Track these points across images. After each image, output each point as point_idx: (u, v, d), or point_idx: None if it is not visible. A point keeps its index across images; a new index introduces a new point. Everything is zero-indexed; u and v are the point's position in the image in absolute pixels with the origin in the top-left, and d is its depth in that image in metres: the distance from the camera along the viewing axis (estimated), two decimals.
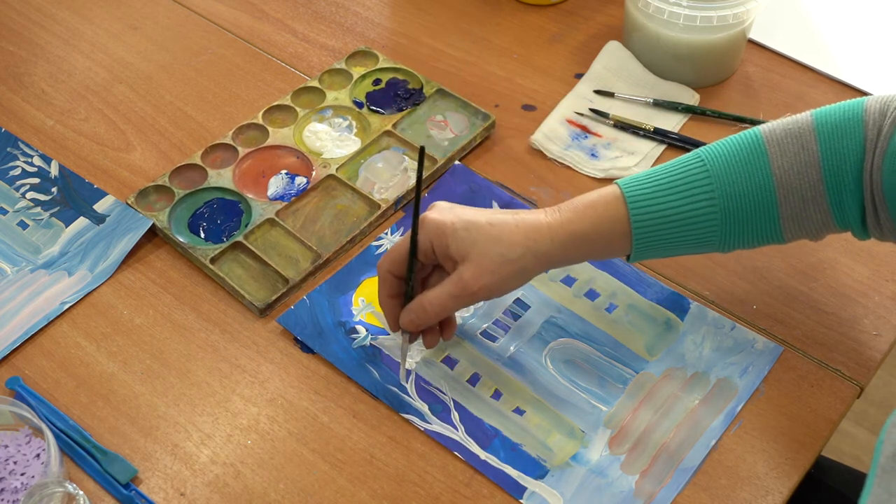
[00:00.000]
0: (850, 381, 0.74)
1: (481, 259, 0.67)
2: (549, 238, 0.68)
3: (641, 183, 0.69)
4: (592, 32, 1.03)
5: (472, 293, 0.68)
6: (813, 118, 0.68)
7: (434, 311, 0.69)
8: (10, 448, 0.70)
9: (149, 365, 0.76)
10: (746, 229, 0.69)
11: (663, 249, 0.70)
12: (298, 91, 0.96)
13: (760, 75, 0.98)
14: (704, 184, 0.68)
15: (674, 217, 0.68)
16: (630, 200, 0.68)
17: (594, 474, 0.69)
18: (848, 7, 1.05)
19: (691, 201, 0.68)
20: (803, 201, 0.67)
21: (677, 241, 0.69)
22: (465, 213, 0.69)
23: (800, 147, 0.67)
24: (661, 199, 0.68)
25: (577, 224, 0.68)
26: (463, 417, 0.72)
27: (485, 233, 0.67)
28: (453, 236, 0.67)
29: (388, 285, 0.71)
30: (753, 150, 0.68)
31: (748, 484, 0.69)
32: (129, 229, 0.84)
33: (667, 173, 0.69)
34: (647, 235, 0.68)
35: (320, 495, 0.69)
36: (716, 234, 0.69)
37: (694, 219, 0.68)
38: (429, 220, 0.69)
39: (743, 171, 0.67)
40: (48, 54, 1.02)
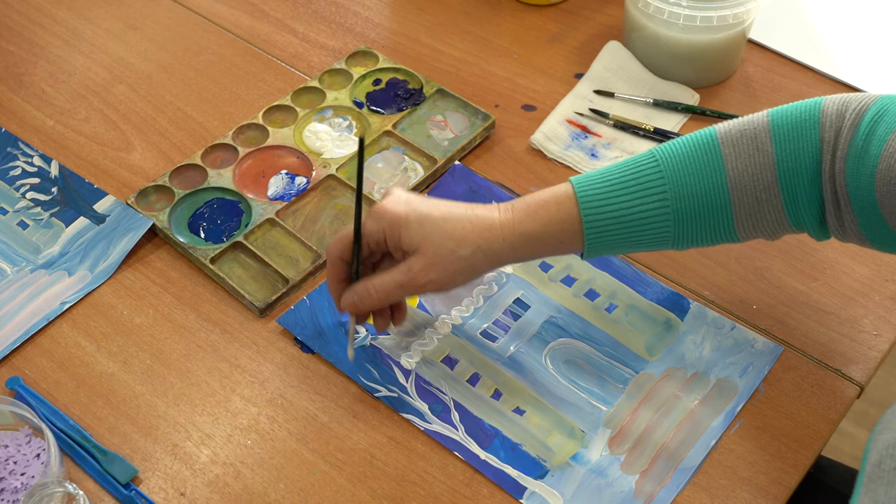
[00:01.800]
0: (850, 381, 0.74)
1: (432, 253, 0.68)
2: (501, 237, 0.68)
3: (594, 182, 0.68)
4: (592, 32, 1.03)
5: (419, 285, 0.68)
6: (769, 118, 0.67)
7: (378, 297, 0.70)
8: (10, 448, 0.70)
9: (149, 365, 0.76)
10: (700, 229, 0.68)
11: (616, 248, 0.70)
12: (298, 91, 0.96)
13: (760, 75, 0.98)
14: (657, 184, 0.67)
15: (626, 217, 0.68)
16: (582, 200, 0.68)
17: (594, 474, 0.69)
18: (848, 7, 1.05)
19: (644, 202, 0.67)
20: (758, 202, 0.67)
21: (630, 240, 0.69)
22: (419, 206, 0.69)
23: (755, 148, 0.67)
24: (613, 198, 0.68)
25: (528, 224, 0.68)
26: (463, 417, 0.72)
27: (438, 227, 0.68)
28: (406, 228, 0.68)
29: (336, 269, 0.72)
30: (708, 150, 0.67)
31: (748, 484, 0.69)
32: (129, 229, 0.84)
33: (620, 172, 0.69)
34: (599, 235, 0.68)
35: (320, 495, 0.69)
36: (668, 234, 0.68)
37: (646, 219, 0.68)
38: (383, 209, 0.69)
39: (696, 173, 0.67)
40: (48, 54, 1.02)
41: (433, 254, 0.68)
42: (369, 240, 0.70)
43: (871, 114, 0.63)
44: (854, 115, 0.64)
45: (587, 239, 0.68)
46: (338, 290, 0.72)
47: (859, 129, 0.63)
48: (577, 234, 0.68)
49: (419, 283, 0.68)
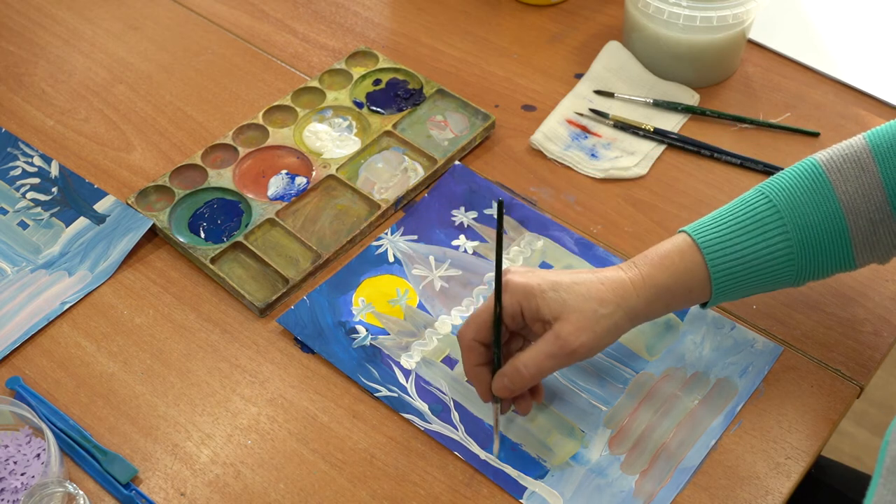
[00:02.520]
0: (850, 381, 0.74)
1: (576, 316, 0.65)
2: (636, 294, 0.67)
3: (711, 228, 0.69)
4: (592, 32, 1.03)
5: (572, 351, 0.65)
6: (866, 140, 0.68)
7: (530, 374, 0.66)
8: (10, 448, 0.70)
9: (149, 365, 0.76)
10: (822, 260, 0.68)
11: (741, 291, 0.70)
12: (298, 91, 0.96)
13: (760, 75, 0.98)
14: (776, 221, 0.67)
15: (751, 258, 0.68)
16: (704, 247, 0.68)
17: (594, 474, 0.69)
18: (848, 7, 1.05)
19: (766, 240, 0.67)
20: (872, 224, 0.67)
21: (755, 281, 0.69)
22: (546, 275, 0.67)
23: (860, 170, 0.67)
24: (735, 241, 0.68)
25: (658, 277, 0.67)
26: (463, 417, 0.72)
27: (574, 291, 0.66)
28: (542, 297, 0.66)
29: (475, 354, 0.68)
30: (815, 179, 0.68)
31: (748, 484, 0.69)
32: (130, 229, 0.84)
33: (733, 215, 0.69)
34: (726, 280, 0.68)
35: (320, 495, 0.69)
36: (793, 269, 0.68)
37: (771, 257, 0.68)
38: (514, 283, 0.67)
39: (810, 202, 0.67)
40: (48, 54, 1.02)
41: (578, 317, 0.65)
42: (504, 317, 0.67)
43: None
44: None
45: (715, 285, 0.68)
46: (478, 375, 0.69)
47: None
48: (705, 281, 0.68)
49: (571, 349, 0.65)
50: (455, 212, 0.86)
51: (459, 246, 0.83)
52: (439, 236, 0.84)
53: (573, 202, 0.87)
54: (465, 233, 0.84)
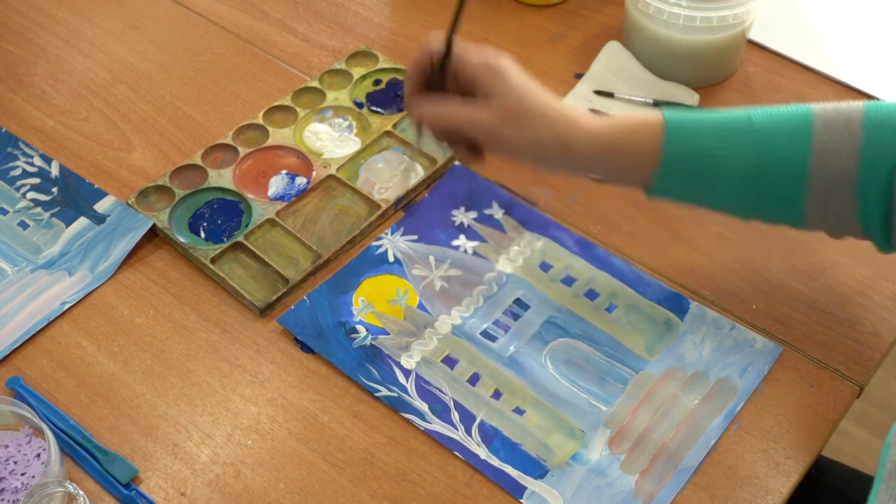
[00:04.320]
0: (850, 381, 0.74)
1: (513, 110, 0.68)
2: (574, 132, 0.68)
3: (686, 116, 0.69)
4: (592, 32, 1.03)
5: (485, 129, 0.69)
6: (864, 105, 0.68)
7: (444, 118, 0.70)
8: (10, 448, 0.70)
9: (149, 365, 0.76)
10: (772, 194, 0.68)
11: (686, 186, 0.70)
12: (298, 91, 0.96)
13: (760, 75, 0.98)
14: (745, 132, 0.67)
15: (707, 154, 0.68)
16: (670, 124, 0.68)
17: (594, 474, 0.69)
18: (848, 7, 1.05)
19: (728, 143, 0.67)
20: (833, 182, 0.66)
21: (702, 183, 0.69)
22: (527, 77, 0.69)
23: (844, 128, 0.66)
24: (700, 133, 0.68)
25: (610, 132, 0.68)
26: (463, 417, 0.72)
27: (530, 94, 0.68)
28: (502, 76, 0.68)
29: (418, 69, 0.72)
30: (801, 118, 0.68)
31: (748, 484, 0.69)
32: (130, 229, 0.84)
33: (713, 115, 0.69)
34: (676, 164, 0.68)
35: (320, 495, 0.69)
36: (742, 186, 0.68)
37: (724, 163, 0.67)
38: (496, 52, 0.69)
39: (785, 133, 0.67)
40: (48, 54, 1.02)
41: (510, 112, 0.67)
42: (463, 70, 0.69)
43: None
44: None
45: (665, 163, 0.68)
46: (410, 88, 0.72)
47: None
48: (655, 156, 0.68)
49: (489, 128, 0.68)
50: (455, 212, 0.86)
51: (459, 246, 0.83)
52: (439, 236, 0.84)
53: (573, 202, 0.87)
54: (465, 233, 0.84)
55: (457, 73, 0.71)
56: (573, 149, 0.69)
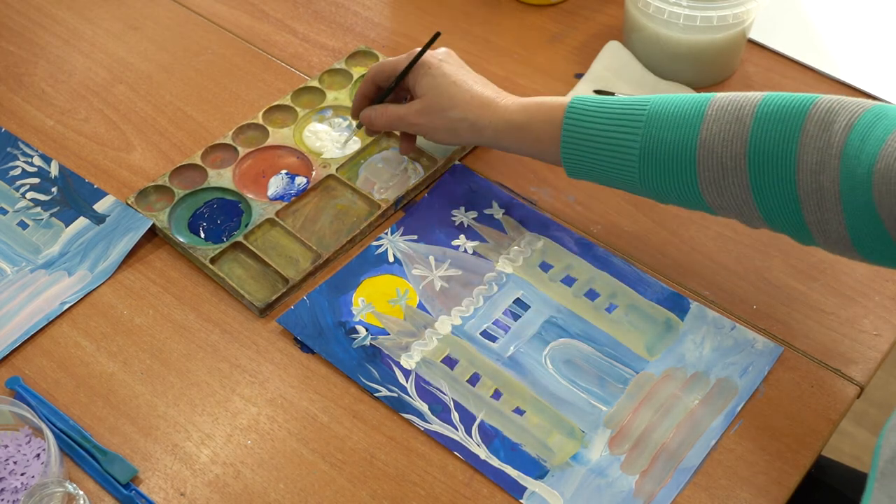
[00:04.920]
0: (850, 381, 0.74)
1: (427, 102, 0.80)
2: (490, 117, 0.78)
3: (590, 101, 0.74)
4: (592, 32, 1.03)
5: (411, 124, 0.82)
6: (761, 97, 0.69)
7: (384, 120, 0.84)
8: (10, 448, 0.70)
9: (149, 365, 0.76)
10: (663, 176, 0.71)
11: (586, 167, 0.75)
12: (298, 91, 0.96)
13: (760, 75, 0.98)
14: (637, 119, 0.71)
15: (600, 137, 0.73)
16: (570, 110, 0.74)
17: (594, 474, 0.69)
18: (848, 7, 1.05)
19: (620, 130, 0.72)
20: (723, 169, 0.68)
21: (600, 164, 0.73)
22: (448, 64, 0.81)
23: (735, 118, 0.68)
24: (597, 118, 0.73)
25: (517, 114, 0.77)
26: (463, 417, 0.72)
27: (443, 86, 0.80)
28: (424, 74, 0.80)
29: (367, 88, 0.86)
30: (695, 107, 0.70)
31: (748, 484, 0.69)
32: (129, 229, 0.84)
33: (615, 101, 0.73)
34: (573, 147, 0.74)
35: (320, 495, 0.69)
36: (634, 170, 0.72)
37: (617, 147, 0.72)
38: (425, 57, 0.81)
39: (675, 121, 0.70)
40: (48, 54, 1.02)
41: (428, 104, 0.80)
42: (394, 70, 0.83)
43: (870, 115, 0.63)
44: (849, 114, 0.64)
45: (563, 147, 0.74)
46: (359, 105, 0.87)
47: (856, 129, 0.63)
48: (555, 140, 0.75)
49: (411, 122, 0.82)
50: (455, 212, 0.86)
51: (459, 246, 0.83)
52: (439, 236, 0.84)
53: (573, 202, 0.87)
54: (465, 233, 0.84)
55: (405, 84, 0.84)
56: (483, 130, 0.79)
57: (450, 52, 0.83)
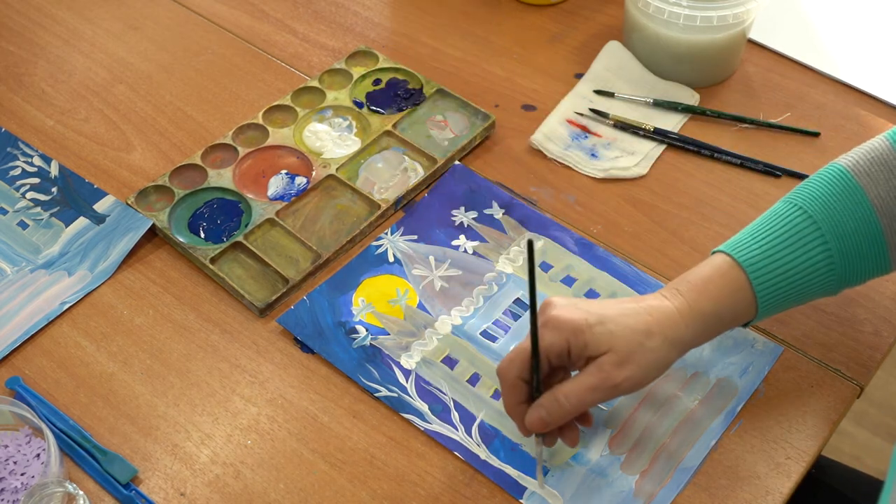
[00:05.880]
0: (850, 381, 0.74)
1: (624, 350, 0.64)
2: (684, 325, 0.66)
3: (749, 245, 0.68)
4: (592, 32, 1.03)
5: (615, 385, 0.64)
6: (888, 140, 0.68)
7: (571, 406, 0.64)
8: (10, 448, 0.70)
9: (149, 365, 0.76)
10: (860, 266, 0.68)
11: (783, 306, 0.69)
12: (298, 91, 0.96)
13: (760, 75, 0.98)
14: (814, 232, 0.67)
15: (793, 272, 0.67)
16: (747, 266, 0.67)
17: (594, 474, 0.69)
18: (848, 7, 1.05)
19: (806, 252, 0.67)
20: None
21: (798, 294, 0.68)
22: (592, 307, 0.66)
23: (888, 172, 0.67)
24: (776, 257, 0.67)
25: (704, 305, 0.66)
26: (463, 417, 0.72)
27: (621, 324, 0.64)
28: (590, 332, 0.64)
29: (516, 391, 0.66)
30: (846, 185, 0.67)
31: (748, 484, 0.69)
32: (129, 229, 0.84)
33: (770, 229, 0.68)
34: (772, 297, 0.67)
35: (320, 495, 0.69)
36: (833, 278, 0.68)
37: (813, 269, 0.67)
38: (561, 319, 0.64)
39: (844, 209, 0.67)
40: (48, 54, 1.02)
41: (624, 350, 0.64)
42: (550, 353, 0.65)
43: None
44: None
45: (760, 303, 0.67)
46: (519, 413, 0.67)
47: None
48: (751, 301, 0.67)
49: (615, 383, 0.64)
50: (455, 212, 0.86)
51: (459, 246, 0.83)
52: (439, 236, 0.84)
53: (573, 202, 0.87)
54: (465, 233, 0.84)
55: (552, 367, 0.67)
56: (683, 340, 0.66)
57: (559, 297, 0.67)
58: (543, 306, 0.66)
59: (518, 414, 0.67)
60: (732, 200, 0.86)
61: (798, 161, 0.89)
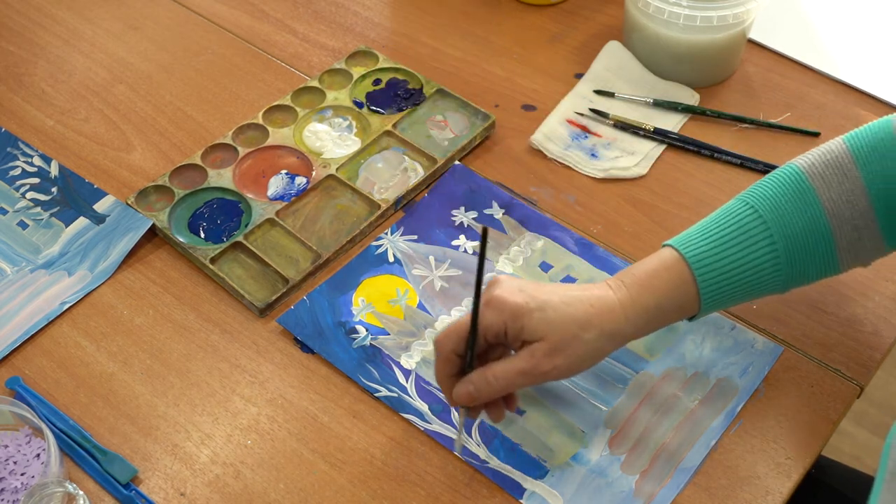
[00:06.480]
0: (850, 381, 0.74)
1: (557, 339, 0.64)
2: (624, 317, 0.66)
3: (697, 241, 0.68)
4: (592, 32, 1.03)
5: (543, 372, 0.65)
6: (846, 144, 0.68)
7: (499, 386, 0.65)
8: (10, 448, 0.70)
9: (149, 365, 0.76)
10: (807, 267, 0.68)
11: (729, 302, 0.69)
12: (298, 91, 0.96)
13: (760, 75, 0.98)
14: (761, 231, 0.67)
15: (738, 270, 0.67)
16: (692, 261, 0.67)
17: (594, 474, 0.69)
18: (848, 7, 1.05)
19: (753, 250, 0.67)
20: (856, 230, 0.67)
21: (742, 291, 0.68)
22: (536, 292, 0.65)
23: (842, 176, 0.67)
24: (722, 254, 0.67)
25: (646, 298, 0.67)
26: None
27: (560, 313, 0.65)
28: (528, 317, 0.64)
29: (449, 364, 0.67)
30: (798, 186, 0.68)
31: (748, 484, 0.69)
32: (129, 229, 0.84)
33: (719, 226, 0.68)
34: (715, 293, 0.68)
35: (320, 495, 0.69)
36: (780, 278, 0.68)
37: (759, 267, 0.67)
38: (502, 300, 0.65)
39: (794, 210, 0.67)
40: (48, 54, 1.02)
41: (558, 340, 0.64)
42: (487, 332, 0.65)
43: None
44: None
45: (703, 299, 0.67)
46: (449, 385, 0.68)
47: None
48: (693, 296, 0.67)
49: (543, 370, 0.64)
50: (455, 212, 0.86)
51: (459, 246, 0.83)
52: (439, 236, 0.84)
53: (573, 202, 0.87)
54: (465, 233, 0.84)
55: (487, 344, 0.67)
56: (622, 334, 0.67)
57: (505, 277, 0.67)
58: (491, 283, 0.67)
59: (447, 386, 0.68)
60: None
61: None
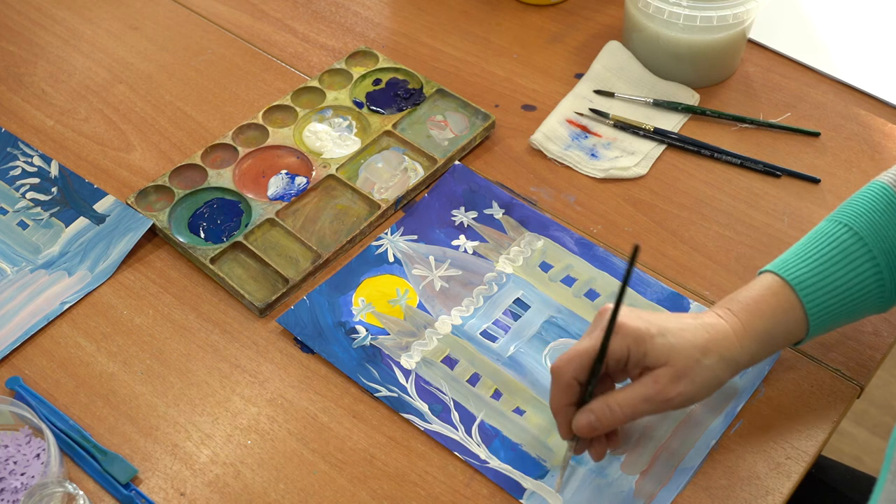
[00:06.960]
0: (850, 381, 0.74)
1: (681, 365, 0.64)
2: (739, 345, 0.66)
3: (798, 265, 0.68)
4: (592, 32, 1.03)
5: (667, 399, 0.64)
6: None
7: (622, 414, 0.64)
8: (10, 448, 0.70)
9: (149, 365, 0.76)
10: None
11: (833, 324, 0.69)
12: (298, 91, 0.96)
13: (760, 75, 0.98)
14: (861, 248, 0.67)
15: (844, 290, 0.67)
16: (797, 285, 0.67)
17: (594, 474, 0.69)
18: (848, 7, 1.05)
19: (856, 268, 0.67)
20: None
21: (848, 312, 0.68)
22: (653, 318, 0.65)
23: None
24: (826, 276, 0.67)
25: (758, 324, 0.66)
26: (463, 417, 0.72)
27: (680, 337, 0.64)
28: (651, 342, 0.64)
29: (569, 393, 0.65)
30: (890, 201, 0.68)
31: (748, 484, 0.69)
32: (129, 229, 0.84)
33: (818, 249, 0.68)
34: (823, 315, 0.67)
35: (320, 495, 0.69)
36: (883, 295, 0.68)
37: (863, 285, 0.67)
38: (627, 326, 0.64)
39: (890, 226, 0.67)
40: (48, 54, 1.02)
41: (682, 365, 0.64)
42: (609, 358, 0.64)
43: None
44: None
45: (811, 322, 0.67)
46: (566, 415, 0.66)
47: None
48: (802, 320, 0.67)
49: (668, 397, 0.64)
50: (455, 212, 0.86)
51: (459, 246, 0.83)
52: (439, 236, 0.84)
53: (573, 202, 0.87)
54: (465, 233, 0.84)
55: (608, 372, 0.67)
56: (739, 361, 0.67)
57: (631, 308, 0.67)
58: (602, 311, 0.66)
59: (564, 415, 0.66)
60: (732, 200, 0.86)
61: (798, 161, 0.89)
